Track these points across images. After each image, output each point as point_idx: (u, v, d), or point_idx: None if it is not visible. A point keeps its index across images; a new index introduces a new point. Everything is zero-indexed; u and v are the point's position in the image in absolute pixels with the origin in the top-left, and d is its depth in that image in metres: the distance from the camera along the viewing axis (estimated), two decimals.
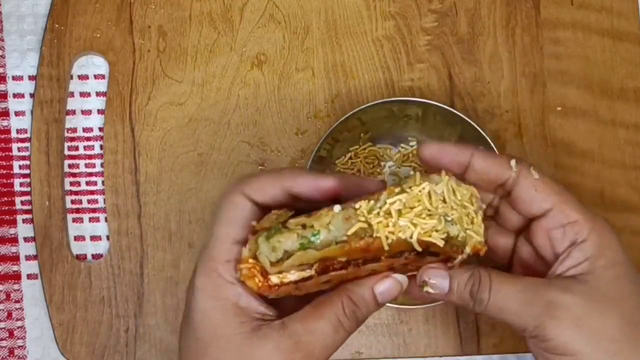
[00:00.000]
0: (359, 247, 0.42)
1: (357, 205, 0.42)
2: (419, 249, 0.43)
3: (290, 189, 0.46)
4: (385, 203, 0.42)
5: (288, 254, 0.43)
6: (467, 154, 0.47)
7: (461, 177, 0.48)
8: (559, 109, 0.66)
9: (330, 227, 0.42)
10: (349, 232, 0.42)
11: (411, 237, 0.42)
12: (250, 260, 0.44)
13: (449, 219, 0.43)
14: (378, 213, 0.42)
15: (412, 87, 0.66)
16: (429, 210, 0.43)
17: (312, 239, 0.42)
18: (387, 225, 0.42)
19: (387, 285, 0.45)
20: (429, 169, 0.47)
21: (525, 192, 0.47)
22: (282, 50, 0.66)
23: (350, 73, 0.66)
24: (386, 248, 0.42)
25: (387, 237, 0.42)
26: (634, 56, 0.67)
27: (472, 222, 0.45)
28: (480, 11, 0.67)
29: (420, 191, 0.43)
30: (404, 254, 0.44)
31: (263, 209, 0.46)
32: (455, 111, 0.62)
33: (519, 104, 0.66)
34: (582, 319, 0.44)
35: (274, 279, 0.43)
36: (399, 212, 0.42)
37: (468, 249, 0.45)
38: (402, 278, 0.46)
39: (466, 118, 0.62)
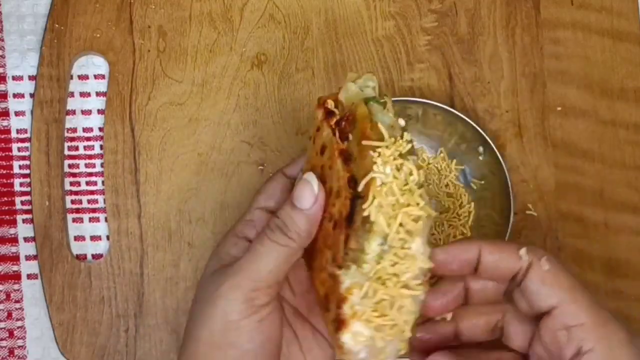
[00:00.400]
0: (357, 114, 0.48)
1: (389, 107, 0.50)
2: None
3: None
4: (399, 142, 0.47)
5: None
6: (474, 250, 0.47)
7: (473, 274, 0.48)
8: (559, 109, 0.66)
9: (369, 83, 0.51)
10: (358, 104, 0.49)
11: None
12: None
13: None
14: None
15: (412, 87, 0.66)
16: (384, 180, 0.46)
17: (367, 88, 0.51)
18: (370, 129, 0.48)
19: (298, 189, 0.47)
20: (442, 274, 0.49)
21: (533, 284, 0.45)
22: (282, 50, 0.66)
23: None
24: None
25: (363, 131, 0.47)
26: (634, 56, 0.67)
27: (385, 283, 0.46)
28: (480, 11, 0.67)
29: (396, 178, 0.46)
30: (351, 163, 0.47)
31: None
32: (455, 111, 0.62)
33: (519, 104, 0.66)
34: None
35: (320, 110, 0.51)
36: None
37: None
38: (311, 178, 0.48)
39: (466, 118, 0.62)
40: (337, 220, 0.47)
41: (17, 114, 0.65)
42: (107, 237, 0.65)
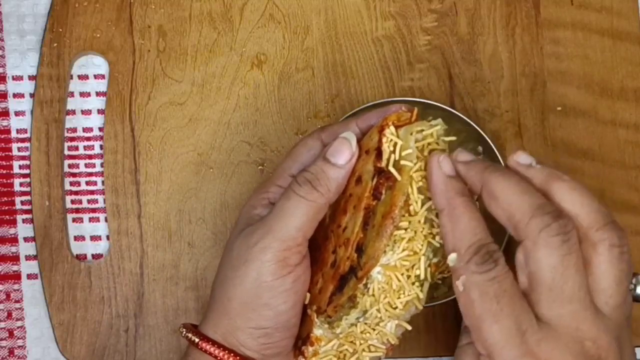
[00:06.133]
0: (396, 183, 0.46)
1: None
2: (396, 174, 0.46)
3: (360, 126, 0.52)
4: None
5: None
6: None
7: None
8: (559, 109, 0.66)
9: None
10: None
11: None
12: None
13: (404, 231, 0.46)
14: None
15: (412, 87, 0.66)
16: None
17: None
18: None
19: (335, 144, 0.48)
20: None
21: None
22: (282, 50, 0.66)
23: (350, 73, 0.66)
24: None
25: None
26: (634, 56, 0.67)
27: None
28: (480, 11, 0.67)
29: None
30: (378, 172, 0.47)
31: None
32: (455, 111, 0.62)
33: (519, 104, 0.66)
34: None
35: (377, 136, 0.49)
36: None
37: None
38: (350, 136, 0.48)
39: (466, 118, 0.62)
40: (337, 265, 0.47)
41: (17, 114, 0.65)
42: (107, 237, 0.65)
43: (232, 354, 0.48)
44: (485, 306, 0.42)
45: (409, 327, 0.47)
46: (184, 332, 0.51)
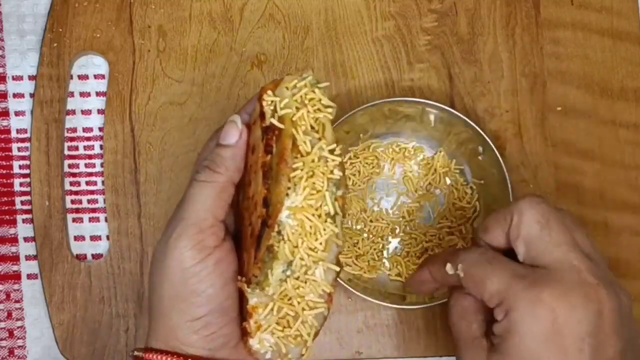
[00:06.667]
0: (282, 132, 0.48)
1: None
2: (277, 123, 0.48)
3: (248, 112, 0.53)
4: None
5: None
6: (426, 273, 0.54)
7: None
8: (559, 109, 0.66)
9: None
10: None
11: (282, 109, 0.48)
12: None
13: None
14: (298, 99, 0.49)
15: (412, 87, 0.66)
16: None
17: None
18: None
19: (225, 129, 0.50)
20: None
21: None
22: (282, 50, 0.66)
23: (350, 73, 0.66)
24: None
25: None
26: (634, 56, 0.67)
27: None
28: (480, 11, 0.67)
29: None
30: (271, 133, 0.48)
31: None
32: (455, 111, 0.62)
33: (519, 104, 0.66)
34: None
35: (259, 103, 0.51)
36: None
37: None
38: (236, 118, 0.50)
39: (466, 118, 0.62)
40: (252, 232, 0.48)
41: (17, 114, 0.65)
42: (107, 237, 0.65)
43: (174, 356, 0.49)
44: (480, 270, 0.49)
45: (337, 268, 0.48)
46: (130, 353, 0.51)
